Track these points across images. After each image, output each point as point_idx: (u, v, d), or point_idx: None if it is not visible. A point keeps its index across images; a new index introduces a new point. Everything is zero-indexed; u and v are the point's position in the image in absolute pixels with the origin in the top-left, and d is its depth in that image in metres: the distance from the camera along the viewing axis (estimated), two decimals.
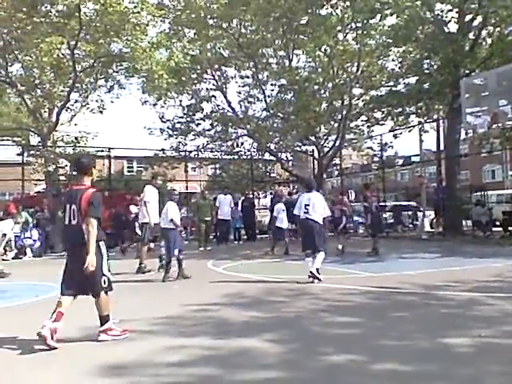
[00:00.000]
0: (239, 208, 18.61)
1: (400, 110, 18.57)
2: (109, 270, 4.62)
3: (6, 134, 20.20)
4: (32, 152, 19.19)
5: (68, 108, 19.13)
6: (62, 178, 18.77)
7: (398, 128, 20.78)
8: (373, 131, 22.34)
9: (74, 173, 4.56)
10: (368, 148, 23.60)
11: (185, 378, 3.49)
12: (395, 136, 20.87)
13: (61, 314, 4.40)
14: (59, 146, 19.29)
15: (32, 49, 16.66)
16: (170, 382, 3.43)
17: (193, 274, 8.57)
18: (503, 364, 3.60)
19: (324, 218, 7.86)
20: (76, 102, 19.77)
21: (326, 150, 22.26)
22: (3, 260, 13.48)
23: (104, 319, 4.51)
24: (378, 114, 20.20)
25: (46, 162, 17.56)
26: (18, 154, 19.13)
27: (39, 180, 18.98)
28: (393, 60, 19.72)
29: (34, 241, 14.92)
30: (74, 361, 4.01)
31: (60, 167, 18.58)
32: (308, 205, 7.70)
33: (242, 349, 4.14)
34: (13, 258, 13.88)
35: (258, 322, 5.13)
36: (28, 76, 17.95)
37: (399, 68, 19.24)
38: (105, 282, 4.50)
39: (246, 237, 18.32)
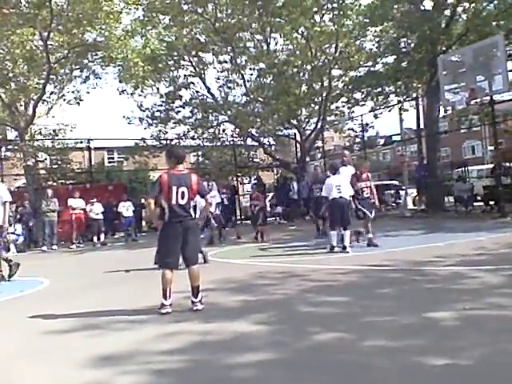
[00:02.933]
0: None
1: (379, 89, 18.63)
2: None
3: None
4: (10, 147, 18.86)
5: (44, 100, 18.79)
6: (41, 171, 18.51)
7: (378, 108, 20.86)
8: (353, 112, 22.42)
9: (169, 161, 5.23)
10: (349, 129, 23.66)
11: (176, 365, 3.50)
12: (376, 116, 20.97)
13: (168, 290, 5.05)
14: (37, 140, 19.00)
15: (3, 41, 16.26)
16: (161, 369, 3.44)
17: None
18: (489, 334, 3.68)
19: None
20: (52, 93, 19.43)
21: (307, 132, 22.29)
22: None
23: (197, 290, 5.12)
24: (358, 95, 20.26)
25: (25, 157, 17.30)
26: None
27: (18, 175, 18.71)
28: (370, 40, 19.74)
29: (18, 236, 14.74)
30: (64, 353, 4.00)
31: (39, 161, 18.33)
32: (339, 185, 8.79)
33: (231, 332, 4.17)
34: None
35: (246, 306, 5.17)
36: (1, 69, 17.51)
37: (377, 48, 19.27)
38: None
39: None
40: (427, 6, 16.50)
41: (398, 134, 25.88)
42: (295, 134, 23.31)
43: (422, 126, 20.00)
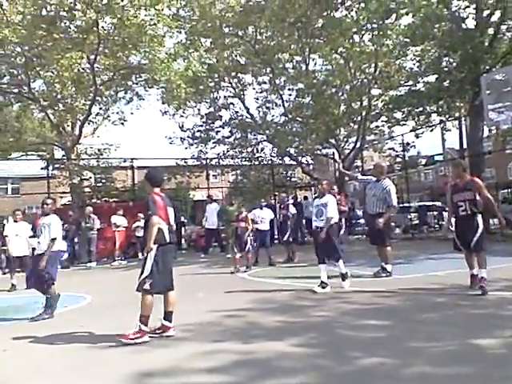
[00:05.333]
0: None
1: (420, 109, 18.35)
2: None
3: (31, 148, 20.68)
4: (57, 165, 19.60)
5: (90, 121, 19.55)
6: (86, 189, 19.11)
7: (419, 127, 20.55)
8: (393, 131, 22.19)
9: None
10: (390, 149, 23.42)
11: None
12: (417, 136, 20.64)
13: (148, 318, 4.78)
14: (83, 159, 19.69)
15: (53, 64, 17.05)
16: None
17: (218, 280, 8.59)
18: None
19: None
20: (97, 114, 20.22)
21: (346, 152, 22.16)
22: None
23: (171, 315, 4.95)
24: (399, 114, 20.03)
25: (71, 175, 17.94)
26: (43, 168, 19.56)
27: (64, 192, 19.36)
28: (411, 59, 19.56)
29: (63, 252, 15.16)
30: (103, 368, 4.07)
31: (84, 179, 18.94)
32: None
33: (270, 353, 4.14)
34: None
35: (285, 327, 5.13)
36: (50, 91, 18.36)
37: (418, 67, 19.06)
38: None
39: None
40: (470, 24, 16.25)
41: (441, 154, 25.41)
42: (333, 153, 23.23)
43: (465, 145, 19.53)
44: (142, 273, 4.83)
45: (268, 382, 3.47)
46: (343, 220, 10.70)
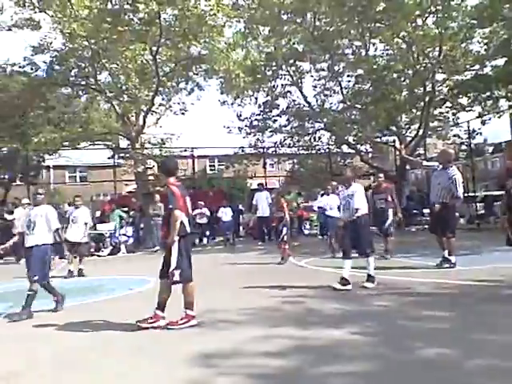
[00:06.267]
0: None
1: (488, 94, 17.48)
2: None
3: (97, 138, 21.65)
4: (122, 154, 20.45)
5: (153, 111, 20.17)
6: (150, 177, 19.84)
7: (486, 113, 19.57)
8: (459, 118, 21.24)
9: None
10: (454, 136, 22.44)
11: (273, 369, 3.55)
12: (483, 122, 19.67)
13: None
14: (146, 148, 20.40)
15: (118, 56, 17.72)
16: (259, 373, 3.51)
17: (276, 268, 8.70)
18: None
19: None
20: (160, 105, 20.83)
21: (408, 139, 21.51)
22: (98, 256, 14.54)
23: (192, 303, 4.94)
24: (464, 100, 19.17)
25: (136, 164, 18.66)
26: (110, 157, 20.46)
27: (130, 180, 20.19)
28: (478, 42, 18.58)
29: (128, 237, 15.90)
30: (165, 349, 4.25)
31: (148, 168, 19.65)
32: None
33: (328, 340, 4.17)
34: (108, 254, 14.90)
35: (344, 315, 5.14)
36: (115, 83, 19.11)
37: (485, 50, 18.10)
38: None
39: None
40: None
41: (509, 141, 24.03)
42: (394, 140, 22.61)
43: None
44: (166, 266, 4.94)
45: (325, 368, 3.51)
46: (390, 211, 10.16)
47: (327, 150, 23.09)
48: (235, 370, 3.57)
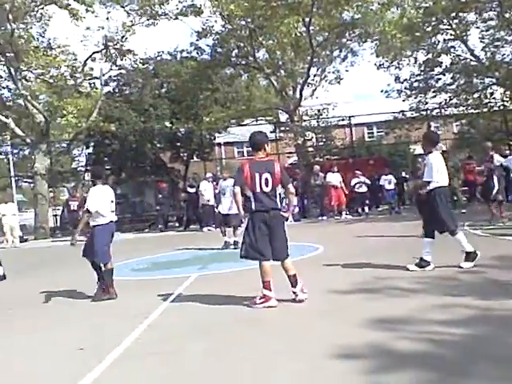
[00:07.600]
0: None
1: None
2: None
3: (259, 114, 22.74)
4: (282, 128, 21.20)
5: (309, 83, 20.40)
6: (309, 149, 20.30)
7: None
8: None
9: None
10: None
11: (453, 337, 3.48)
12: None
13: (269, 283, 4.79)
14: (304, 120, 20.83)
15: (273, 32, 18.22)
16: (439, 339, 3.46)
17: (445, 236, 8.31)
18: None
19: None
20: (315, 76, 20.95)
21: None
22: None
23: (294, 279, 4.84)
24: None
25: (295, 136, 19.22)
26: (272, 132, 21.35)
27: (291, 153, 20.90)
28: None
29: (294, 207, 16.54)
30: (343, 312, 4.42)
31: (307, 139, 20.09)
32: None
33: (510, 312, 3.94)
34: None
35: None
36: (272, 59, 19.75)
37: None
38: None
39: None
40: None
41: None
42: None
43: None
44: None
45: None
46: (495, 178, 9.69)
47: (501, 107, 20.87)
48: (415, 335, 3.56)
